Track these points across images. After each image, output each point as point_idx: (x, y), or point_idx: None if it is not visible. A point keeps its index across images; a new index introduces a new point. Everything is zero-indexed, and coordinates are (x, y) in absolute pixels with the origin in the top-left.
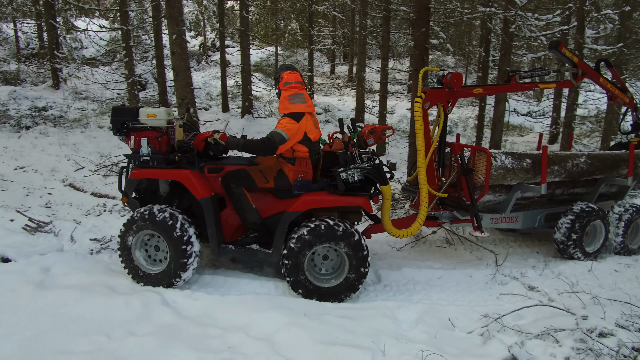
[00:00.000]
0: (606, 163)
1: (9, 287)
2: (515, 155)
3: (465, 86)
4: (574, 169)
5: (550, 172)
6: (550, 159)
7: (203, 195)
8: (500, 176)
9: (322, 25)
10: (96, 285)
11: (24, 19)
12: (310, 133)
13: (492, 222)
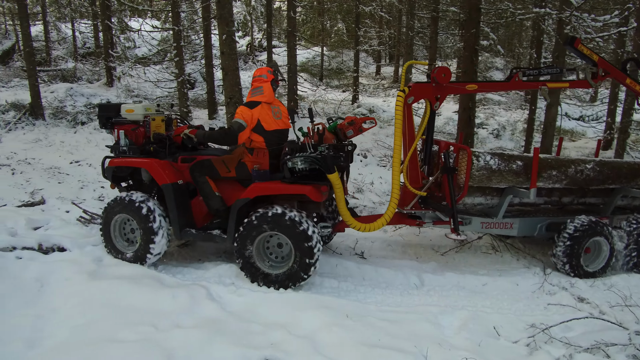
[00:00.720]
0: (621, 172)
1: (64, 275)
2: (503, 157)
3: (457, 81)
4: (578, 175)
5: (546, 177)
6: (548, 163)
7: (165, 182)
8: (484, 177)
9: (369, 25)
10: (145, 277)
11: (81, 19)
12: (264, 122)
13: (482, 227)
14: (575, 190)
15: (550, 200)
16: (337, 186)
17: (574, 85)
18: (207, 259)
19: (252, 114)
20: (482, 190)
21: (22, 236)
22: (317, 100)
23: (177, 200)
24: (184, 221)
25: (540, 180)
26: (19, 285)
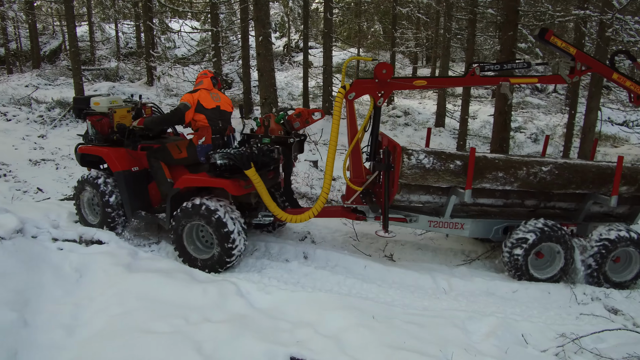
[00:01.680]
0: (586, 176)
1: (101, 267)
2: (440, 156)
3: (403, 77)
4: (531, 178)
5: (492, 178)
6: (493, 164)
7: (117, 169)
8: (418, 176)
9: (406, 27)
10: (177, 271)
11: (124, 20)
12: (204, 102)
13: (430, 225)
14: (538, 194)
15: (512, 202)
16: (255, 181)
17: (544, 81)
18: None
19: (192, 96)
20: (425, 188)
21: (64, 228)
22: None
23: (128, 185)
24: (136, 205)
25: (486, 181)
26: (59, 275)
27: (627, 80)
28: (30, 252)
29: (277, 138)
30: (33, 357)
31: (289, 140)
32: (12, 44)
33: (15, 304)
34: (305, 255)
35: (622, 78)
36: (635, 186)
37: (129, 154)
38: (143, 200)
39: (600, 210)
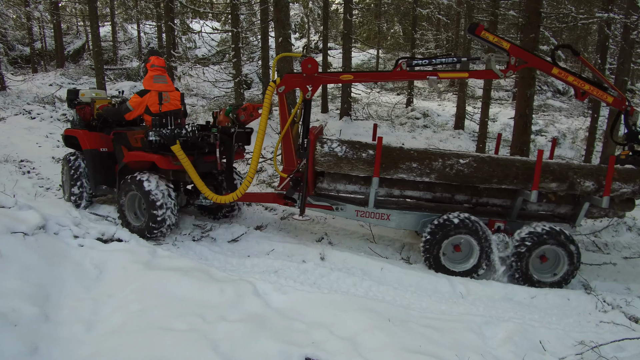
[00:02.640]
0: (509, 171)
1: (121, 264)
2: (353, 145)
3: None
4: (447, 170)
5: (406, 169)
6: (408, 155)
7: (86, 147)
8: (331, 164)
9: (426, 28)
10: (195, 270)
11: (146, 20)
12: (152, 106)
13: (357, 215)
14: (465, 189)
15: (442, 197)
16: (180, 157)
17: (474, 76)
18: (256, 256)
19: (141, 101)
20: (348, 178)
21: (85, 226)
22: (371, 103)
23: (94, 162)
24: (99, 179)
25: (401, 172)
26: (80, 271)
27: (570, 75)
28: (52, 248)
29: (223, 128)
30: (53, 351)
31: (231, 130)
32: (37, 43)
33: (37, 299)
34: (322, 256)
35: (564, 73)
36: (567, 184)
37: (101, 137)
38: (106, 176)
39: (540, 209)
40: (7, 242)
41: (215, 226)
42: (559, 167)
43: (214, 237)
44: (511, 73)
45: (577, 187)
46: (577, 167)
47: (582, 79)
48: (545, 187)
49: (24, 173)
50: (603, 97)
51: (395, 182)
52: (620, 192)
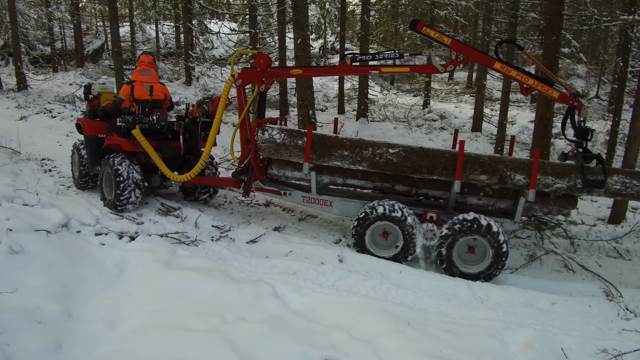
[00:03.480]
0: (438, 161)
1: (141, 263)
2: (291, 133)
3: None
4: (377, 159)
5: (338, 156)
6: (339, 143)
7: (86, 133)
8: (271, 150)
9: (443, 30)
10: (214, 270)
11: (164, 21)
12: (137, 93)
13: (303, 200)
14: (402, 179)
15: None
16: (140, 139)
17: (416, 70)
18: (275, 257)
19: (128, 89)
20: (293, 164)
21: (105, 224)
22: (387, 105)
23: (91, 146)
24: (95, 161)
25: (334, 159)
26: (101, 269)
27: (512, 69)
28: (74, 247)
29: (192, 118)
30: (76, 348)
31: (197, 120)
32: (57, 43)
33: (60, 296)
34: (340, 258)
35: (506, 68)
36: (497, 176)
37: (101, 125)
38: (100, 159)
39: (480, 203)
40: (31, 240)
41: (234, 227)
42: (490, 159)
43: (232, 238)
44: (451, 67)
45: (507, 180)
46: (508, 161)
47: (526, 73)
48: (476, 179)
49: (45, 171)
50: (548, 92)
51: (335, 170)
52: (555, 188)
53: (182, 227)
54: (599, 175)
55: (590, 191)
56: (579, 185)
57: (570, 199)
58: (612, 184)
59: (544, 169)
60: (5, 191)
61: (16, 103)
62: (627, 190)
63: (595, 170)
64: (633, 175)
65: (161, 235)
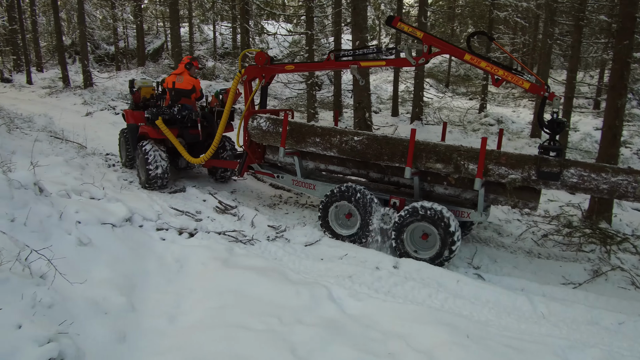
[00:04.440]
0: (396, 149)
1: (200, 259)
2: (275, 121)
3: (276, 63)
4: (343, 146)
5: (311, 142)
6: (312, 130)
7: (129, 122)
8: (259, 136)
9: (502, 31)
10: (270, 270)
11: (222, 22)
12: (168, 83)
13: (293, 183)
14: (373, 166)
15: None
16: (162, 128)
17: (391, 64)
18: (330, 260)
19: (167, 79)
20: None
21: (166, 220)
22: (442, 107)
23: (132, 133)
24: (135, 146)
25: (309, 145)
26: (162, 264)
27: (482, 61)
28: (137, 241)
29: (211, 108)
30: (140, 341)
31: (213, 110)
32: (120, 43)
33: (124, 289)
34: (396, 264)
35: (476, 59)
36: (452, 165)
37: (141, 115)
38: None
39: (446, 192)
40: (98, 233)
41: (289, 227)
42: (446, 148)
43: (287, 239)
44: (423, 60)
45: (462, 169)
46: (463, 150)
47: (496, 64)
48: (433, 168)
49: (110, 166)
50: (518, 82)
51: (316, 157)
52: (510, 179)
53: (239, 226)
54: (554, 167)
55: (547, 183)
56: (533, 177)
57: (531, 191)
58: (568, 177)
59: (498, 159)
60: (74, 184)
61: (82, 99)
62: (584, 184)
63: (552, 162)
64: (593, 168)
65: (219, 233)
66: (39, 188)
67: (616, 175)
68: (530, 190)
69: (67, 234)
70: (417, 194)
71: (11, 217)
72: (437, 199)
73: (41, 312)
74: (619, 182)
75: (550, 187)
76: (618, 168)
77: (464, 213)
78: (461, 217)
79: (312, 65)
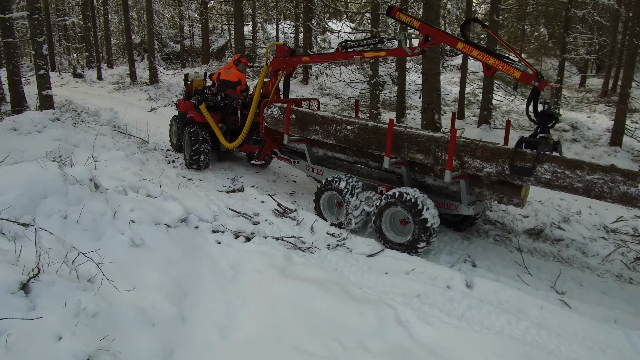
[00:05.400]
0: (382, 139)
1: (256, 267)
2: (285, 110)
3: (294, 55)
4: (338, 134)
5: (313, 130)
6: (313, 119)
7: (180, 110)
8: (272, 123)
9: (579, 31)
10: (331, 283)
11: (285, 21)
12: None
13: (307, 169)
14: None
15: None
16: (204, 114)
17: (390, 53)
18: (395, 275)
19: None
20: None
21: (223, 222)
22: (510, 111)
23: (182, 120)
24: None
25: (312, 133)
26: (216, 269)
27: (474, 49)
28: (192, 243)
29: (251, 97)
30: (187, 356)
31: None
32: (186, 41)
33: (174, 296)
34: (469, 284)
35: (468, 47)
36: (431, 156)
37: (191, 104)
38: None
39: (436, 184)
40: (151, 233)
41: (350, 235)
42: (426, 139)
43: (349, 248)
44: (418, 50)
45: (439, 160)
46: (442, 141)
47: (488, 53)
48: (415, 158)
49: (169, 162)
50: (509, 71)
51: (322, 144)
52: (485, 172)
53: (297, 231)
54: (528, 162)
55: (521, 179)
56: (507, 172)
57: (512, 187)
58: (541, 173)
59: (474, 151)
60: (132, 180)
61: (147, 95)
62: (557, 181)
63: (527, 156)
64: (568, 164)
65: (277, 238)
66: (94, 184)
67: (592, 173)
68: (511, 186)
69: (120, 234)
70: (406, 184)
71: (64, 213)
72: (428, 190)
73: (84, 322)
74: (594, 181)
75: (525, 183)
76: (596, 165)
77: (452, 205)
78: (449, 210)
79: (324, 56)
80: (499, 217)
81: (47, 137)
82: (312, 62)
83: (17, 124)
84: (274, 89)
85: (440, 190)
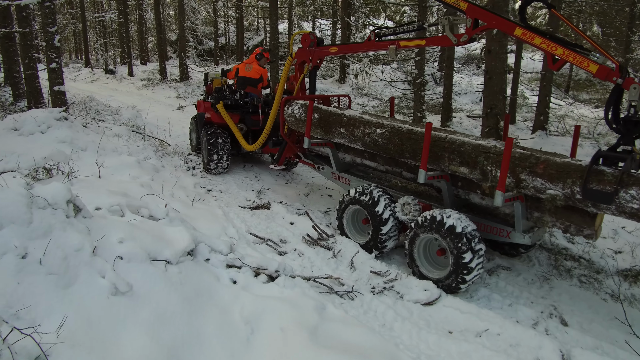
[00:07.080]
0: (417, 147)
1: (279, 322)
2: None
3: (322, 45)
4: (366, 139)
5: (337, 133)
6: (338, 120)
7: (200, 110)
8: (293, 123)
9: None
10: (378, 353)
11: (321, 18)
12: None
13: (332, 177)
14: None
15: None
16: (222, 113)
17: (431, 42)
18: (463, 337)
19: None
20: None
21: (241, 252)
22: (565, 116)
23: (201, 120)
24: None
25: (336, 136)
26: (227, 325)
27: (537, 36)
28: (197, 286)
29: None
30: None
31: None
32: (221, 39)
33: None
34: (565, 357)
35: (529, 34)
36: (478, 170)
37: (210, 103)
38: None
39: (483, 203)
40: (143, 274)
41: (400, 274)
42: (472, 149)
43: (399, 292)
44: (466, 37)
45: (489, 177)
46: (493, 152)
47: (555, 40)
48: (457, 171)
49: (189, 169)
50: (582, 64)
51: (348, 149)
52: (548, 194)
53: (333, 267)
54: (608, 184)
55: (597, 206)
56: (577, 196)
57: (583, 214)
58: (626, 200)
59: (534, 167)
60: (136, 194)
61: (176, 92)
62: None
63: (606, 177)
64: None
65: (307, 279)
66: (74, 207)
67: None
68: (582, 213)
69: (99, 277)
70: (447, 202)
71: (23, 251)
72: (473, 209)
73: None
74: None
75: (602, 211)
76: None
77: (503, 231)
78: (499, 236)
79: (354, 46)
80: (584, 252)
81: (51, 138)
82: (341, 52)
83: (18, 123)
84: (299, 84)
85: (489, 211)
